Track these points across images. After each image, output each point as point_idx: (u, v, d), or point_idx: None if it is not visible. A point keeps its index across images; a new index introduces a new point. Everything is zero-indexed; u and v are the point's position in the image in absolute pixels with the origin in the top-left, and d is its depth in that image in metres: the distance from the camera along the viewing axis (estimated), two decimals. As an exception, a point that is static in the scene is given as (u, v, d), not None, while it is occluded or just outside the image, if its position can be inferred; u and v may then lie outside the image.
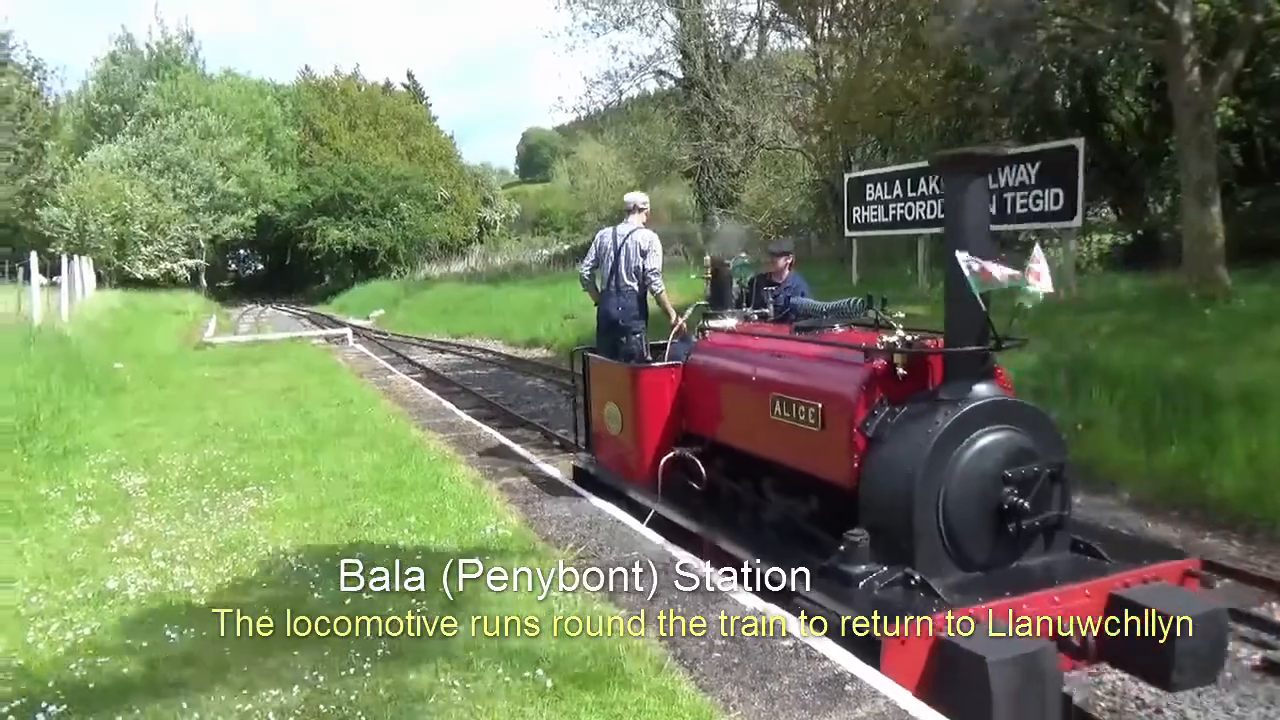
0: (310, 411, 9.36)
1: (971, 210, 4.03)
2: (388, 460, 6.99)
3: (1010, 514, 3.95)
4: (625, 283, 6.46)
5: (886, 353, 4.26)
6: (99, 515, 5.90)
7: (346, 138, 55.90)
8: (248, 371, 13.09)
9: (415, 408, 10.00)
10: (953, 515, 3.94)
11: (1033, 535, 4.05)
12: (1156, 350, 8.37)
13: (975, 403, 4.00)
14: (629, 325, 6.42)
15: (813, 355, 4.69)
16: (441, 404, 10.33)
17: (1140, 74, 14.83)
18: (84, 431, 8.58)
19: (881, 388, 4.23)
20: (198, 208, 45.16)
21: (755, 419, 4.85)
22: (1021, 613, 3.67)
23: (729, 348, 5.44)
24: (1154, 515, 6.79)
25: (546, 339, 19.22)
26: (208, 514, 5.85)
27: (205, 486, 6.50)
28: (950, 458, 3.92)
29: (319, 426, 8.55)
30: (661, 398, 5.73)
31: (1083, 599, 3.80)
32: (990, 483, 3.96)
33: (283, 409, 9.63)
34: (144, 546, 5.27)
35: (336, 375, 12.75)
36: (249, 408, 9.80)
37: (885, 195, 14.73)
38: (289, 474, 6.73)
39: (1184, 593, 3.94)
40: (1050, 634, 3.66)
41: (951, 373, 4.12)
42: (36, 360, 10.03)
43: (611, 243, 6.55)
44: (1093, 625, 3.75)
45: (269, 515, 5.75)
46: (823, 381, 4.47)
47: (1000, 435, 3.98)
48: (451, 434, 8.37)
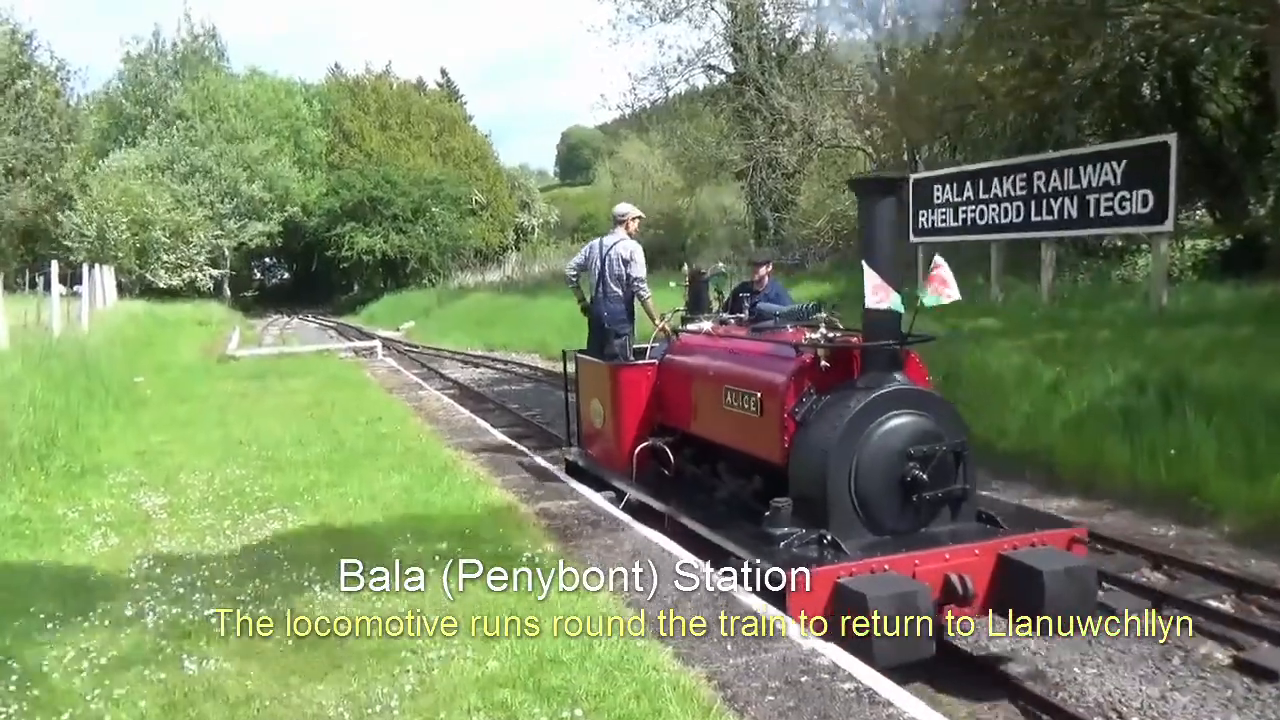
0: (337, 429, 9.49)
1: (880, 227, 5.20)
2: (418, 482, 7.07)
3: (913, 485, 5.00)
4: (611, 289, 7.62)
5: (811, 348, 5.36)
6: (117, 537, 6.03)
7: (377, 139, 57.08)
8: (272, 386, 13.35)
9: (447, 426, 10.10)
10: (862, 486, 4.99)
11: (937, 505, 5.08)
12: (1259, 368, 8.21)
13: (884, 389, 5.08)
14: (615, 328, 7.58)
15: (756, 352, 5.90)
16: (475, 422, 10.43)
17: (1238, 63, 14.51)
18: (103, 449, 8.78)
19: (809, 378, 5.33)
20: (222, 214, 46.25)
21: (712, 409, 6.03)
22: (914, 566, 4.69)
23: (696, 348, 6.62)
24: (1259, 550, 6.64)
25: None
26: (230, 538, 5.95)
27: (227, 508, 6.61)
28: (861, 436, 4.98)
29: (346, 445, 8.66)
30: (638, 393, 6.95)
31: (972, 557, 4.82)
32: (895, 458, 5.00)
33: (308, 426, 9.76)
34: (164, 571, 5.38)
35: (365, 391, 12.95)
36: (273, 425, 9.95)
37: (954, 197, 14.58)
38: (314, 495, 6.82)
39: (1059, 552, 4.91)
40: (941, 584, 4.69)
41: (867, 365, 5.23)
42: (56, 373, 10.32)
43: (598, 252, 7.73)
44: (975, 578, 4.73)
45: (293, 539, 5.83)
46: (761, 374, 5.64)
47: (906, 418, 5.03)
48: (485, 455, 8.46)
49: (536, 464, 7.98)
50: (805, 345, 5.43)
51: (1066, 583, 4.63)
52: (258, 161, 48.90)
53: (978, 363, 10.34)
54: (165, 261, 41.03)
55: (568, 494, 6.89)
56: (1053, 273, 13.25)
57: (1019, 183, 13.33)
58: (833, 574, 4.55)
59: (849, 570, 4.59)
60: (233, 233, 46.70)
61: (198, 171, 46.37)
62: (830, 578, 4.53)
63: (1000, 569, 4.82)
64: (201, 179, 46.23)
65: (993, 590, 4.81)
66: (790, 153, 25.31)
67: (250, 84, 56.32)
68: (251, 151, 48.65)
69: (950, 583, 4.71)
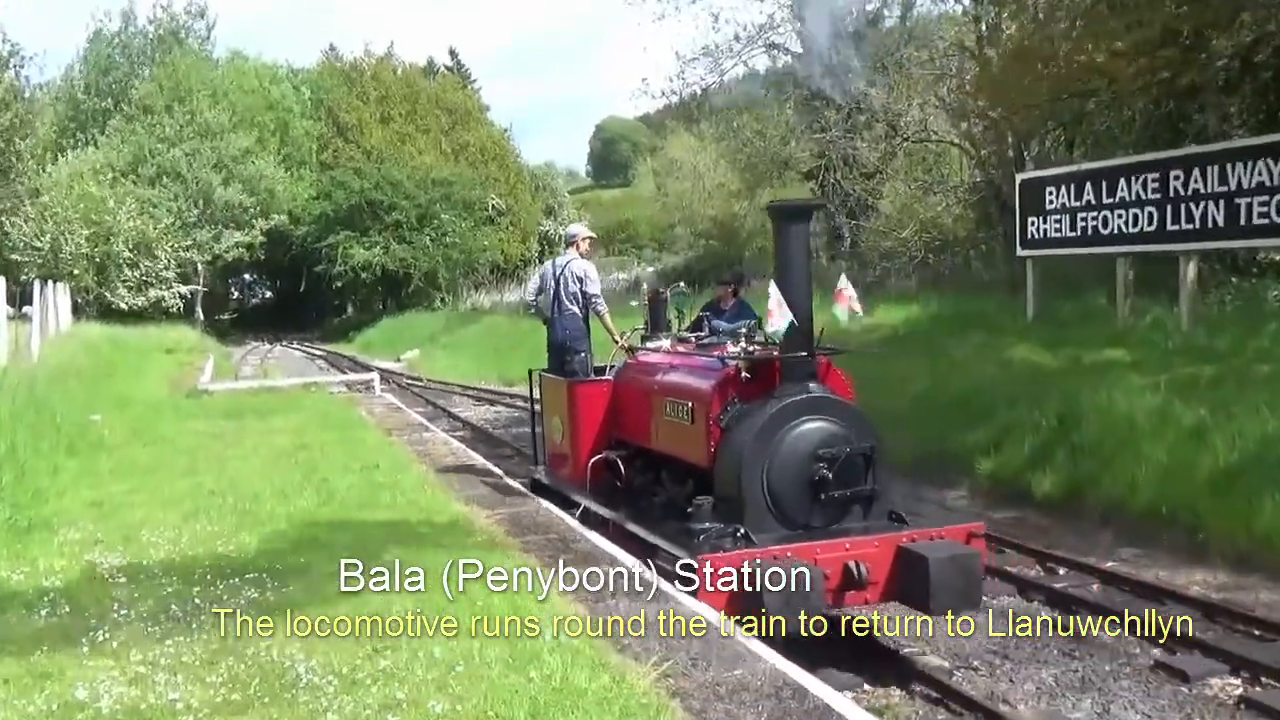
0: (327, 478, 9.57)
1: (794, 251, 6.78)
2: (427, 542, 7.10)
3: (821, 485, 6.51)
4: (567, 307, 9.24)
5: (735, 360, 7.07)
6: (69, 605, 6.10)
7: (377, 133, 57.48)
8: (251, 426, 13.50)
9: (457, 475, 10.17)
10: (775, 485, 6.53)
11: (847, 504, 6.61)
12: None
13: (797, 398, 6.64)
14: (573, 345, 9.21)
15: (691, 366, 7.67)
16: (491, 470, 10.48)
17: None
18: (53, 500, 8.91)
19: (733, 388, 6.95)
20: (192, 223, 46.70)
21: (656, 420, 7.76)
22: (815, 554, 6.19)
23: (647, 365, 8.34)
24: None
25: None
26: (199, 608, 6.00)
27: (197, 573, 6.68)
28: (774, 440, 6.53)
29: (337, 497, 8.74)
30: (594, 408, 8.63)
31: (872, 548, 6.33)
32: (805, 460, 6.52)
33: (293, 474, 9.86)
34: (120, 647, 5.42)
35: (360, 432, 13.05)
36: (252, 472, 10.07)
37: (1072, 201, 14.48)
38: (300, 557, 6.88)
39: (951, 543, 6.35)
40: (840, 572, 6.21)
41: (785, 376, 6.79)
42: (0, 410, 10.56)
43: (552, 273, 9.41)
44: (873, 566, 6.24)
45: (274, 609, 5.88)
46: (692, 386, 7.39)
47: (816, 423, 6.58)
48: (503, 510, 8.51)
49: (565, 523, 8.01)
50: (728, 358, 7.20)
51: (951, 569, 6.10)
52: (236, 160, 49.42)
53: (1102, 404, 10.30)
54: (127, 278, 41.63)
55: (603, 558, 6.93)
56: (1194, 293, 13.11)
57: (1151, 184, 13.28)
58: (738, 559, 6.06)
59: (753, 556, 6.08)
60: (206, 244, 47.19)
61: (165, 174, 47.00)
62: (736, 562, 6.04)
63: (897, 559, 6.33)
64: (170, 182, 46.80)
65: (891, 579, 6.34)
66: (870, 148, 25.32)
67: (230, 70, 57.29)
68: (229, 148, 49.19)
69: (849, 570, 6.25)
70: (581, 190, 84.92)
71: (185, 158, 47.61)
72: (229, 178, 48.69)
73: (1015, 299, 16.41)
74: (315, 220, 53.19)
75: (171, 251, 43.57)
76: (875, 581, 6.27)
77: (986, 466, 10.82)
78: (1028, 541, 9.04)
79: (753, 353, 7.13)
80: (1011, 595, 7.87)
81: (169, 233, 43.72)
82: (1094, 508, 9.48)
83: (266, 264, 59.40)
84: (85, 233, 39.37)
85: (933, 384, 13.08)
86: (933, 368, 13.69)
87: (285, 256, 55.87)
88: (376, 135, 57.43)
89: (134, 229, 41.44)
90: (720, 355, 7.36)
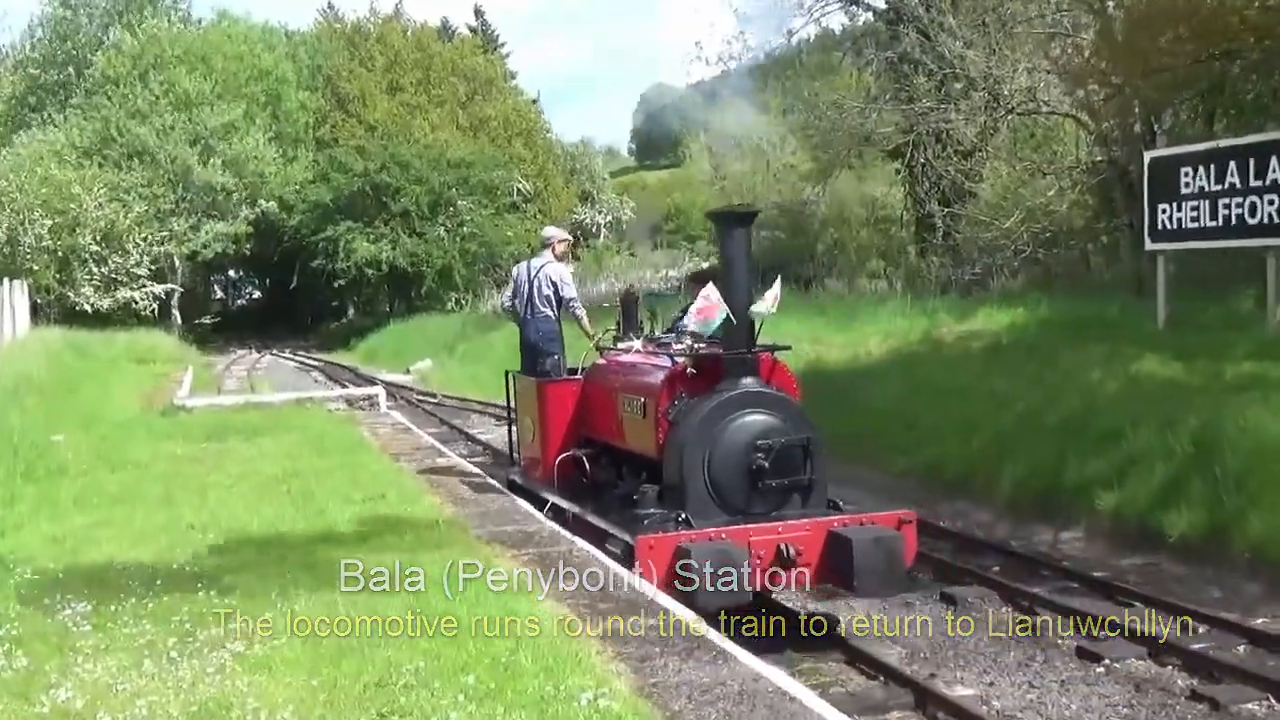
0: (324, 510, 9.65)
1: (736, 254, 8.53)
2: (434, 588, 7.14)
3: (759, 474, 8.14)
4: (540, 310, 10.97)
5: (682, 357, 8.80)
6: (26, 657, 6.15)
7: (383, 105, 57.50)
8: (236, 450, 13.58)
9: (477, 507, 10.21)
10: (715, 474, 8.17)
11: (785, 492, 8.26)
12: None
13: (736, 392, 8.30)
14: (546, 348, 10.94)
15: (646, 364, 9.43)
16: (516, 503, 10.53)
17: None
18: (8, 534, 8.99)
19: (681, 384, 8.59)
20: (167, 211, 46.57)
21: (616, 417, 9.39)
22: (748, 537, 7.85)
23: (613, 364, 10.13)
24: None
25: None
26: (175, 661, 6.03)
27: (173, 620, 6.68)
28: (715, 431, 8.18)
29: (334, 533, 8.76)
30: (562, 407, 10.28)
31: (804, 532, 7.97)
32: (743, 450, 8.14)
33: (285, 506, 9.91)
34: (86, 707, 5.45)
35: (363, 457, 13.13)
36: (237, 503, 10.12)
37: (1212, 185, 14.27)
38: (293, 602, 6.90)
39: (877, 528, 8.03)
40: (773, 553, 7.84)
41: (727, 371, 8.43)
42: (-52, 430, 10.79)
43: (526, 276, 11.14)
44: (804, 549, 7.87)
45: (262, 666, 5.93)
46: (644, 382, 9.09)
47: (755, 416, 8.23)
48: (530, 549, 8.56)
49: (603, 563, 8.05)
50: (675, 354, 8.96)
51: (874, 550, 7.73)
52: (219, 136, 49.12)
53: (1249, 427, 10.16)
54: (94, 276, 41.79)
55: (653, 609, 6.95)
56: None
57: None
58: (673, 540, 7.68)
59: (689, 538, 7.70)
60: (183, 235, 47.16)
61: (136, 155, 46.98)
62: (670, 543, 7.66)
63: (827, 543, 7.95)
64: (142, 164, 46.71)
65: (822, 561, 7.96)
66: (968, 122, 25.04)
67: (213, 33, 57.30)
68: (210, 122, 48.88)
69: (781, 551, 7.84)
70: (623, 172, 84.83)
71: (157, 133, 47.39)
72: (208, 155, 48.36)
73: (1142, 301, 16.18)
74: (311, 208, 52.76)
75: (144, 245, 43.54)
76: (807, 564, 7.94)
77: (1108, 502, 10.66)
78: (1159, 593, 8.89)
79: (697, 350, 8.74)
80: (1142, 658, 7.80)
81: (141, 223, 43.69)
82: (1239, 553, 9.34)
83: (254, 259, 59.84)
84: (48, 223, 39.15)
85: (1042, 402, 12.96)
86: (1042, 383, 13.56)
87: (276, 251, 55.69)
88: (382, 107, 57.29)
89: (102, 218, 41.34)
90: (671, 353, 9.16)
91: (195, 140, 48.41)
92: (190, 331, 49.81)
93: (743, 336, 8.40)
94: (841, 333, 19.80)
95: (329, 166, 53.25)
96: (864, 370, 17.16)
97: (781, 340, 9.25)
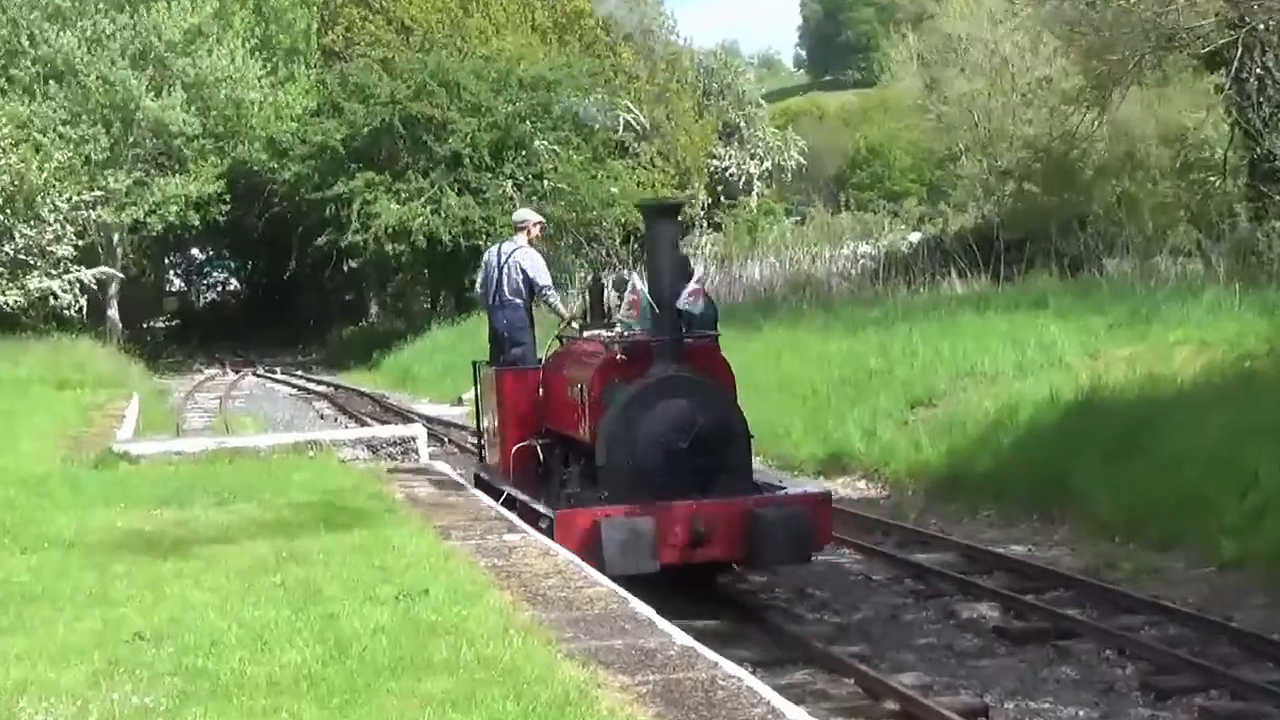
0: (336, 614, 8.75)
1: (663, 245, 10.66)
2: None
3: (679, 456, 10.07)
4: (508, 298, 12.32)
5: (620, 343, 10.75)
6: None
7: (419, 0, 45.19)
8: (205, 520, 12.53)
9: (568, 609, 9.29)
10: (638, 455, 10.14)
11: (710, 474, 10.24)
12: None
13: (663, 377, 10.23)
14: (514, 337, 12.41)
15: (589, 352, 11.40)
16: (628, 604, 9.51)
17: None
18: None
19: (613, 370, 10.55)
20: (101, 161, 35.97)
21: (566, 405, 11.32)
22: (663, 513, 9.90)
23: (567, 353, 12.17)
24: None
25: (867, 456, 17.42)
26: None
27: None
28: (639, 414, 10.11)
29: (353, 648, 7.87)
30: (520, 397, 12.10)
31: (719, 509, 10.09)
32: (667, 433, 10.06)
33: (278, 607, 9.00)
34: None
35: (394, 531, 11.90)
36: (207, 600, 9.19)
37: None
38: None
39: (787, 507, 10.37)
40: (687, 530, 9.95)
41: (655, 358, 10.39)
42: None
43: (496, 260, 12.53)
44: (719, 527, 10.03)
45: None
46: (584, 369, 11.09)
47: (679, 401, 10.14)
48: (650, 674, 7.42)
49: (765, 699, 6.67)
50: (608, 341, 10.90)
51: (782, 525, 9.92)
52: (178, 49, 38.17)
53: None
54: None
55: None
56: None
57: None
58: (588, 514, 9.84)
59: (605, 513, 9.79)
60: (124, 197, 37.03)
61: (53, 76, 37.12)
62: (586, 517, 9.84)
63: (743, 521, 9.99)
64: (62, 89, 36.94)
65: (741, 538, 10.03)
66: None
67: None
68: (165, 28, 37.85)
69: (694, 528, 9.84)
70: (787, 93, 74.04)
71: (86, 44, 37.06)
72: (162, 78, 37.73)
73: None
74: (314, 154, 40.78)
75: (66, 209, 33.19)
76: (722, 540, 9.90)
77: None
78: None
79: (628, 337, 10.49)
80: None
81: (63, 178, 33.56)
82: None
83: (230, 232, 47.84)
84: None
85: None
86: None
87: (262, 219, 44.30)
88: (417, 2, 45.34)
89: (5, 170, 31.14)
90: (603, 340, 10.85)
91: (142, 54, 37.33)
92: (136, 340, 40.69)
93: (668, 325, 10.21)
94: (1129, 341, 17.14)
95: (340, 91, 41.97)
96: (1166, 400, 14.58)
97: (1036, 349, 11.66)
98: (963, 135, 34.25)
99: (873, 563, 12.60)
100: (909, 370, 19.69)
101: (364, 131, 41.10)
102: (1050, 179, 27.39)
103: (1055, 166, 27.33)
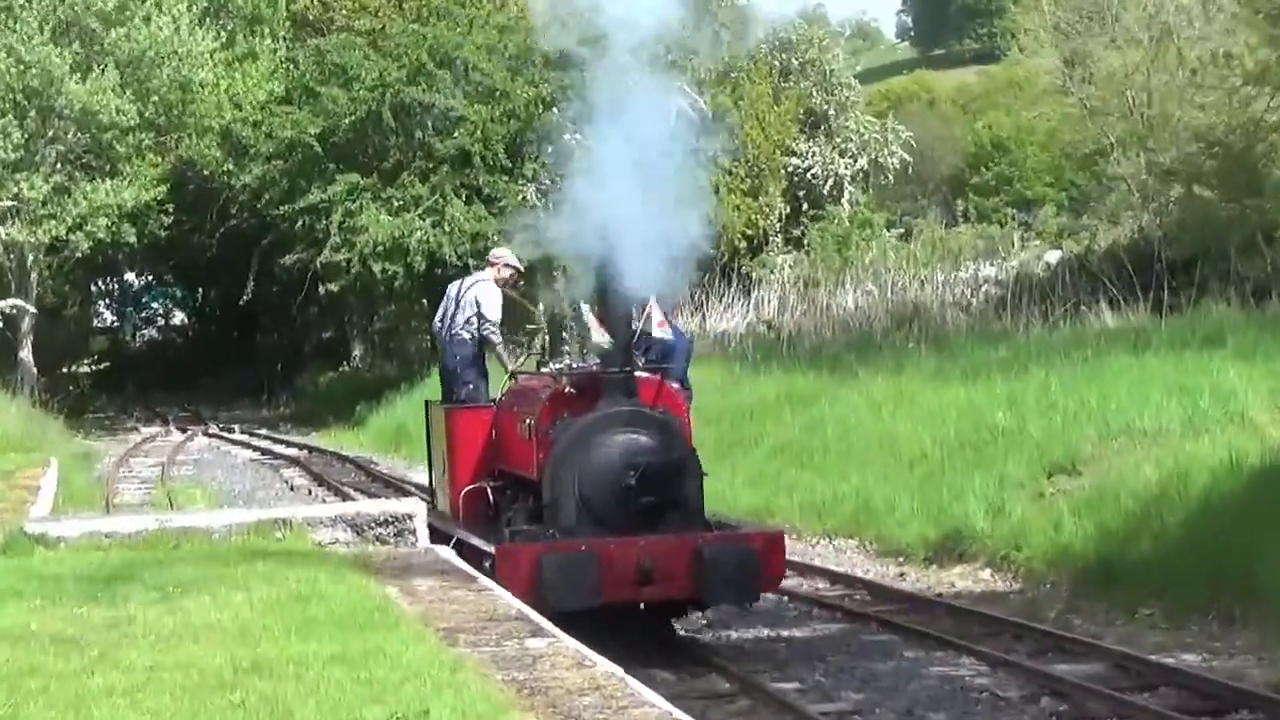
0: None
1: None
2: None
3: (628, 492, 10.37)
4: (458, 333, 12.51)
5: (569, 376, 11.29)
6: None
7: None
8: (141, 621, 10.77)
9: None
10: (587, 491, 10.42)
11: (660, 510, 10.55)
12: None
13: (610, 411, 10.58)
14: (462, 375, 12.60)
15: (538, 387, 11.82)
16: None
17: None
18: None
19: (562, 404, 10.93)
20: (10, 162, 30.67)
21: (517, 443, 11.63)
22: (608, 549, 10.22)
23: (519, 390, 12.40)
24: None
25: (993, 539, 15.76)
26: None
27: None
28: (588, 449, 10.42)
29: None
30: (471, 437, 12.27)
31: (667, 547, 10.38)
32: (616, 469, 10.36)
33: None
34: None
35: (385, 637, 10.32)
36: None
37: None
38: None
39: (736, 545, 10.72)
40: (635, 566, 10.19)
41: (604, 392, 10.79)
42: None
43: (455, 293, 12.68)
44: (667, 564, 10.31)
45: None
46: (531, 403, 11.42)
47: (629, 435, 10.47)
48: None
49: None
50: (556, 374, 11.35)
51: (728, 565, 10.28)
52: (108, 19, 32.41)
53: None
54: None
55: None
56: None
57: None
58: (531, 551, 10.10)
59: (548, 549, 10.09)
60: (40, 208, 31.40)
61: None
62: (528, 553, 10.08)
63: (691, 558, 10.25)
64: None
65: (689, 576, 10.28)
66: None
67: None
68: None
69: (641, 565, 10.08)
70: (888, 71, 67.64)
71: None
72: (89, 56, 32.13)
73: None
74: (281, 152, 34.99)
75: None
76: (670, 577, 10.14)
77: None
78: None
79: (573, 370, 11.33)
80: None
81: None
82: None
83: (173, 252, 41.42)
84: None
85: None
86: None
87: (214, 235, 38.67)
88: None
89: None
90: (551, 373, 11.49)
91: (65, 27, 31.79)
92: (55, 390, 34.87)
93: (621, 358, 10.68)
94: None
95: (316, 72, 35.83)
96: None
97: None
98: (1114, 125, 29.68)
99: (1001, 676, 10.99)
100: (1046, 428, 17.67)
101: (345, 124, 35.07)
102: (1227, 181, 23.49)
103: (1234, 165, 23.57)
